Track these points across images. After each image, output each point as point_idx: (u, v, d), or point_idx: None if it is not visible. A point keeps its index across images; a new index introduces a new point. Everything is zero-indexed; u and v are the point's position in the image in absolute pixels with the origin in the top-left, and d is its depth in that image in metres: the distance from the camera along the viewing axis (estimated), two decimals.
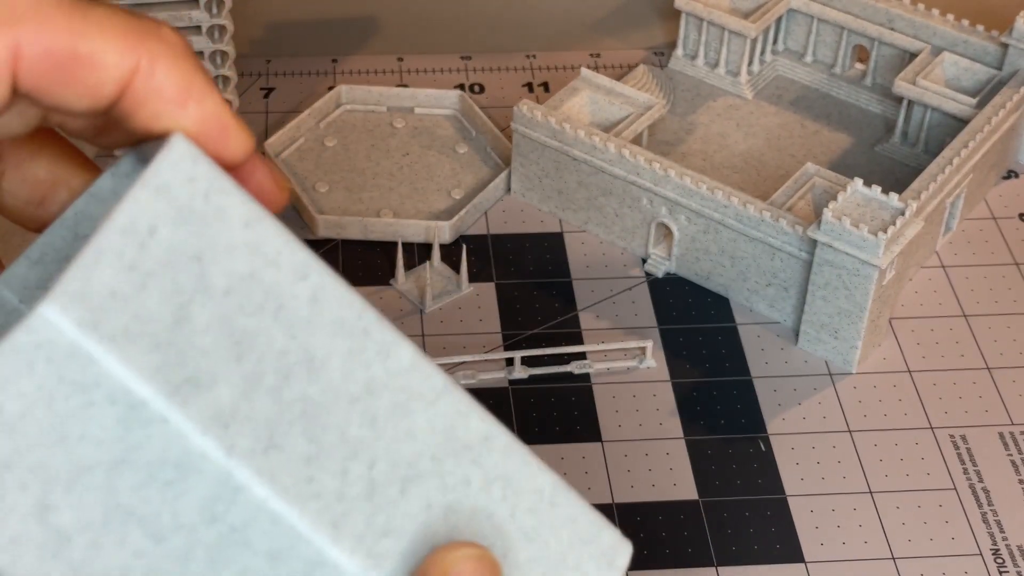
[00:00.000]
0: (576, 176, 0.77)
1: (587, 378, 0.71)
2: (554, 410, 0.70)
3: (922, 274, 0.77)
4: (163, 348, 0.33)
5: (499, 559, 0.37)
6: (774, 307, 0.74)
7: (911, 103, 0.80)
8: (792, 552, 0.64)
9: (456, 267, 0.75)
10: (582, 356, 0.72)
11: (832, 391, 0.71)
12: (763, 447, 0.68)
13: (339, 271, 0.75)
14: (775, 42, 0.87)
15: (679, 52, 0.86)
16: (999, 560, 0.64)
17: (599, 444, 0.68)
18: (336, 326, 0.36)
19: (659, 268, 0.76)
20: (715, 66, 0.85)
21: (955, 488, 0.67)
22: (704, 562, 0.64)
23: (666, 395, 0.71)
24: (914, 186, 0.72)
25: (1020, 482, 0.68)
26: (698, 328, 0.74)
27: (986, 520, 0.66)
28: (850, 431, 0.69)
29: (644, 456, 0.68)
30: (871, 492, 0.67)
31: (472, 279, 0.76)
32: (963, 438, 0.69)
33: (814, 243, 0.70)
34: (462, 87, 0.87)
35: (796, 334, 0.73)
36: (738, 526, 0.65)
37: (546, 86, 0.88)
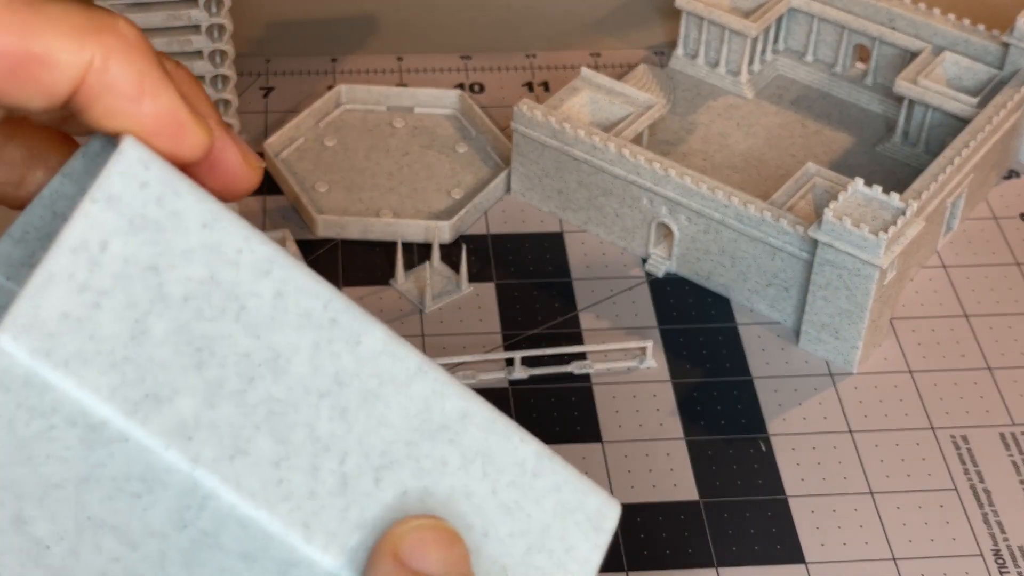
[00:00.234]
0: (576, 176, 0.77)
1: (587, 378, 0.71)
2: (554, 410, 0.69)
3: (923, 274, 0.77)
4: (120, 366, 0.33)
5: (480, 537, 0.37)
6: (775, 307, 0.74)
7: (912, 103, 0.80)
8: (793, 553, 0.64)
9: (456, 267, 0.75)
10: (582, 356, 0.72)
11: (833, 391, 0.71)
12: (764, 447, 0.68)
13: (339, 271, 0.76)
14: (776, 41, 0.87)
15: (679, 51, 0.86)
16: (1000, 561, 0.64)
17: (599, 444, 0.68)
18: (302, 319, 0.35)
19: (659, 268, 0.76)
20: (715, 65, 0.85)
21: (956, 489, 0.67)
22: (704, 563, 0.63)
23: (666, 395, 0.70)
24: (915, 186, 0.72)
25: (1021, 483, 0.67)
26: (698, 328, 0.74)
27: (987, 521, 0.66)
28: (851, 431, 0.69)
29: (644, 456, 0.68)
30: (872, 492, 0.67)
31: (472, 279, 0.75)
32: (964, 438, 0.69)
33: (815, 243, 0.70)
34: (462, 87, 0.87)
35: (797, 334, 0.73)
36: (739, 527, 0.65)
37: (546, 86, 0.88)
